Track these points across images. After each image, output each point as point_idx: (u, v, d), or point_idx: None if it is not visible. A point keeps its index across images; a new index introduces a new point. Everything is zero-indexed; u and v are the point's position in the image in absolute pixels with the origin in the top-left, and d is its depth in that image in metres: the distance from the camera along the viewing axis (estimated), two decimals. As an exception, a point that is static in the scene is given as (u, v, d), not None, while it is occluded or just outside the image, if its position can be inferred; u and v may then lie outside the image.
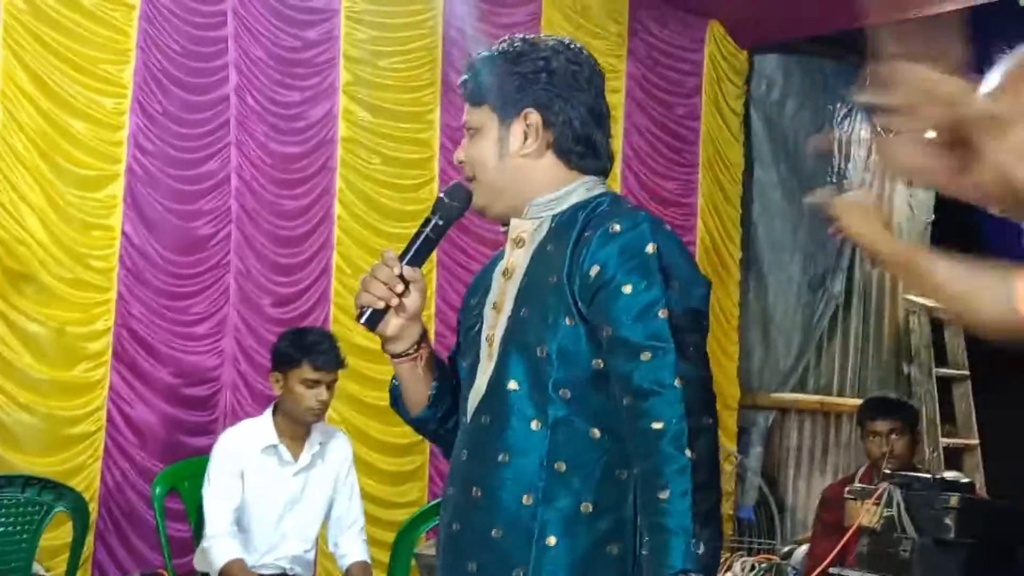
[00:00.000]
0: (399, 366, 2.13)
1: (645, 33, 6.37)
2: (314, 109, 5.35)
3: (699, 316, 1.93)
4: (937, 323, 7.11)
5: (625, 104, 6.28)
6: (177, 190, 4.97)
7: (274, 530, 4.03)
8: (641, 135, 6.34)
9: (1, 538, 3.66)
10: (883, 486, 3.73)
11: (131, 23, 4.83)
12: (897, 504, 3.63)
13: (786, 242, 7.15)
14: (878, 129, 1.73)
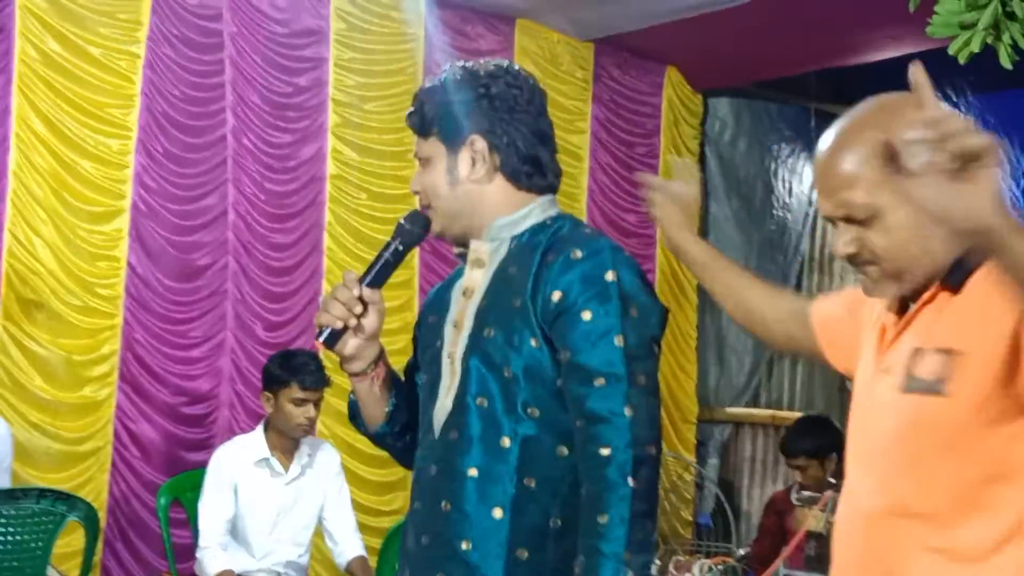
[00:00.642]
0: (357, 383, 2.05)
1: (608, 79, 6.45)
2: (304, 149, 5.38)
3: (654, 343, 1.88)
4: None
5: (590, 143, 6.35)
6: (178, 224, 5.01)
7: (269, 537, 4.06)
8: (604, 172, 6.41)
9: (18, 546, 3.66)
10: (828, 494, 3.78)
11: (136, 71, 4.88)
12: (841, 510, 3.68)
13: (739, 270, 7.20)
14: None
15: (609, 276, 1.85)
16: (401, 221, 2.00)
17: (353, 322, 1.95)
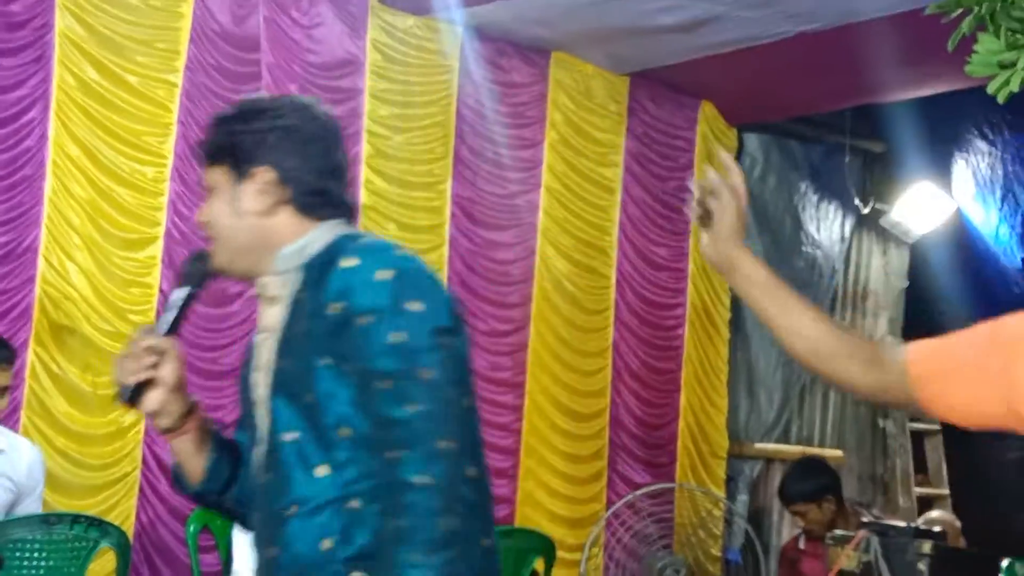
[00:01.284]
0: (172, 442, 1.97)
1: (643, 112, 6.39)
2: (339, 179, 5.36)
3: (440, 333, 1.76)
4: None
5: (623, 177, 6.26)
6: (211, 252, 4.98)
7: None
8: (636, 205, 6.34)
9: (51, 571, 3.64)
10: (861, 533, 3.70)
11: (173, 99, 4.86)
12: (874, 550, 3.61)
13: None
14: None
15: (381, 275, 1.78)
16: (183, 263, 1.97)
17: (145, 376, 1.89)
